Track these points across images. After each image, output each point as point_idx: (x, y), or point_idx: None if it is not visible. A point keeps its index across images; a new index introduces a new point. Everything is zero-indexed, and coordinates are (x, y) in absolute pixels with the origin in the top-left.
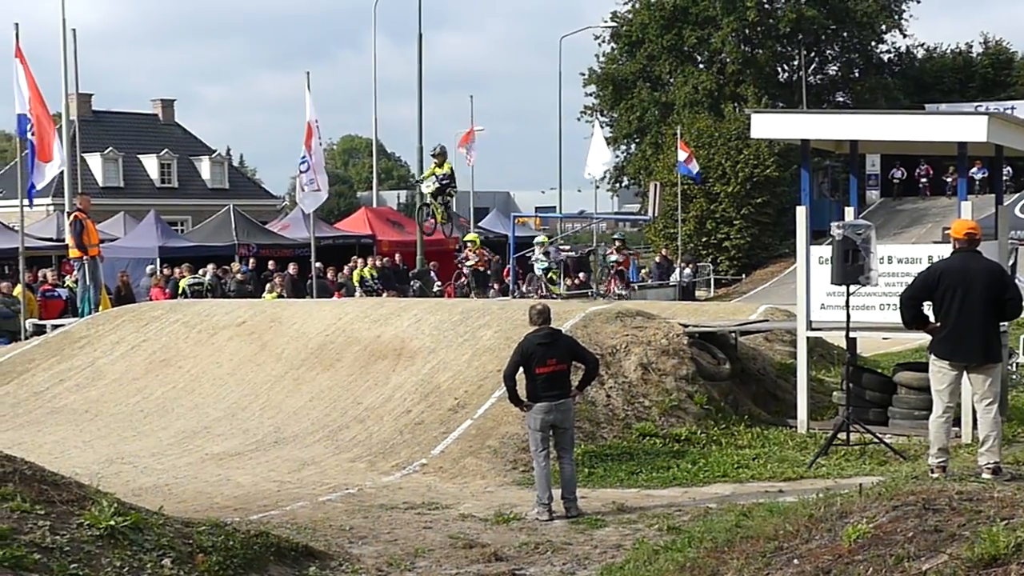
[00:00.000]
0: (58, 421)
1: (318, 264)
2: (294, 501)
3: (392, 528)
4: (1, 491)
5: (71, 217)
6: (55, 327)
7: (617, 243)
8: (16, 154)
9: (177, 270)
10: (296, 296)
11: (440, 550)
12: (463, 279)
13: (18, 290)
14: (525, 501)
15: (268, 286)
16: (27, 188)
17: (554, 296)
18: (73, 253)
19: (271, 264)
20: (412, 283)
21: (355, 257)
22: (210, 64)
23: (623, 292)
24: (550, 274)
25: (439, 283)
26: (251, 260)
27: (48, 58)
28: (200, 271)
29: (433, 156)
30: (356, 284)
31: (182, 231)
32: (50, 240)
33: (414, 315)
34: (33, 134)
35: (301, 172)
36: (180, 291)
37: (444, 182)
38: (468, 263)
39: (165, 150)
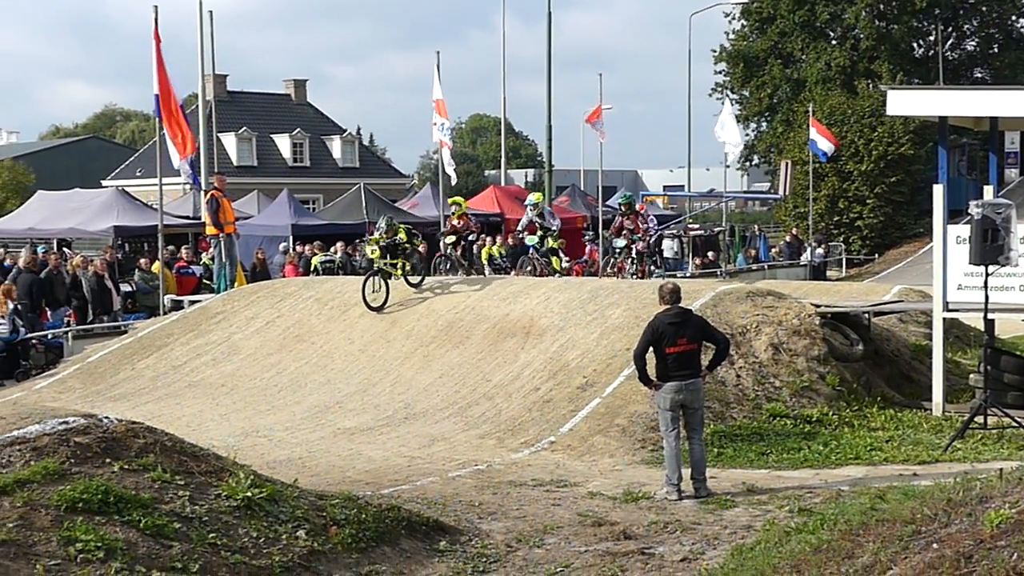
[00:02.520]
0: (195, 394)
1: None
2: (424, 476)
3: (521, 505)
4: (143, 461)
5: (207, 195)
6: (192, 303)
7: (622, 206)
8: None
9: (308, 248)
10: (426, 274)
11: (569, 527)
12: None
13: (157, 266)
14: (654, 480)
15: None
16: (193, 172)
17: (554, 274)
18: (210, 231)
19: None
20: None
21: (484, 235)
22: (341, 44)
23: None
24: (548, 243)
25: (567, 261)
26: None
27: (186, 40)
28: (331, 249)
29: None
30: (484, 262)
31: (314, 209)
32: (187, 218)
33: (543, 293)
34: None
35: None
36: (312, 268)
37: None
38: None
39: (297, 129)
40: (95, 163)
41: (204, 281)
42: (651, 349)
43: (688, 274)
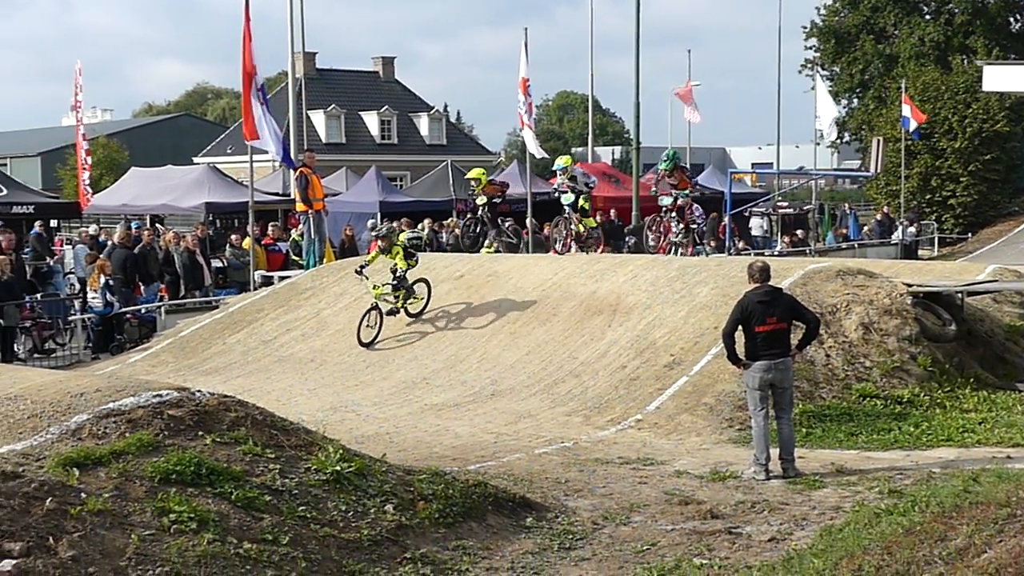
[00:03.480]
0: (285, 369)
1: (533, 219)
2: (511, 453)
3: (607, 482)
4: (234, 435)
5: (297, 172)
6: (282, 279)
7: (664, 168)
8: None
9: (396, 224)
10: (512, 251)
11: (655, 505)
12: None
13: (247, 242)
14: (741, 459)
15: (485, 241)
16: (278, 150)
17: (585, 238)
18: (299, 207)
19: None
20: (627, 239)
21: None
22: (429, 21)
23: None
24: (581, 203)
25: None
26: (468, 215)
27: (276, 18)
28: (418, 225)
29: (380, 238)
30: (571, 240)
31: (401, 186)
32: (276, 195)
33: (630, 271)
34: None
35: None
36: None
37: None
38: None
39: (385, 107)
40: (187, 140)
41: (293, 257)
42: (740, 328)
43: (777, 252)
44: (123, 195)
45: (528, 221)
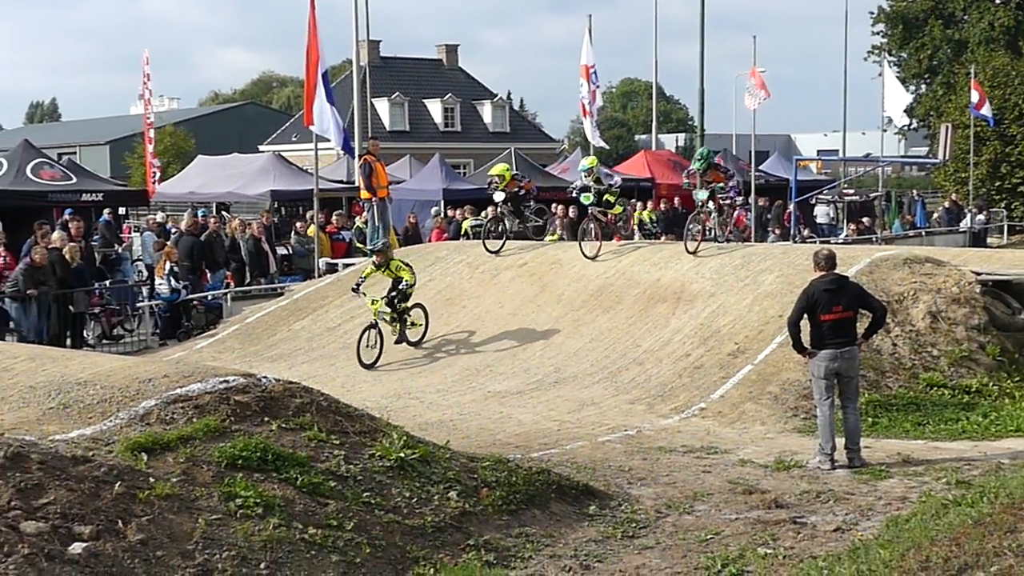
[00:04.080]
0: (349, 356)
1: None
2: (574, 440)
3: (671, 471)
4: (300, 421)
5: (361, 160)
6: (346, 266)
7: (698, 167)
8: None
9: (459, 212)
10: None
11: (719, 494)
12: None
13: (312, 230)
14: (806, 449)
15: (549, 228)
16: (340, 140)
17: (619, 221)
18: (363, 195)
19: (556, 208)
20: (690, 227)
21: (634, 200)
22: (492, 8)
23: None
24: (606, 197)
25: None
26: (531, 203)
27: (341, 6)
28: (482, 213)
29: (375, 253)
30: (635, 227)
31: (464, 174)
32: (340, 182)
33: (694, 259)
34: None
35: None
36: (463, 232)
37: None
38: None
39: (449, 94)
40: (252, 128)
41: (356, 244)
42: (805, 316)
43: (843, 240)
44: (190, 183)
45: (591, 210)
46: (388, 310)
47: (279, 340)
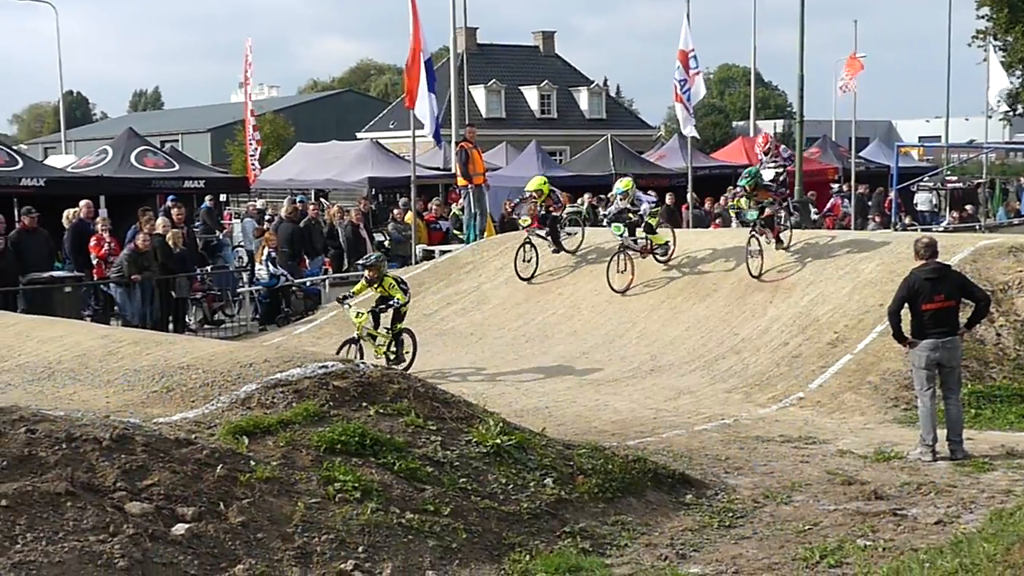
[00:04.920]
0: (445, 342)
1: (694, 194)
2: (670, 429)
3: (768, 460)
4: (397, 406)
5: (457, 147)
6: (443, 253)
7: (745, 184)
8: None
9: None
10: (673, 225)
11: (817, 485)
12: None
13: (409, 217)
14: (906, 440)
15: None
16: (433, 129)
17: (658, 248)
18: (460, 182)
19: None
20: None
21: (731, 187)
22: None
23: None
24: (647, 221)
25: (817, 213)
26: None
27: None
28: (578, 200)
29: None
30: (733, 214)
31: (561, 161)
32: (437, 169)
33: (793, 247)
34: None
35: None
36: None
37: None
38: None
39: (545, 81)
40: (350, 116)
41: (453, 231)
42: (906, 305)
43: (944, 228)
44: (289, 170)
45: (689, 196)
46: (371, 327)
47: None
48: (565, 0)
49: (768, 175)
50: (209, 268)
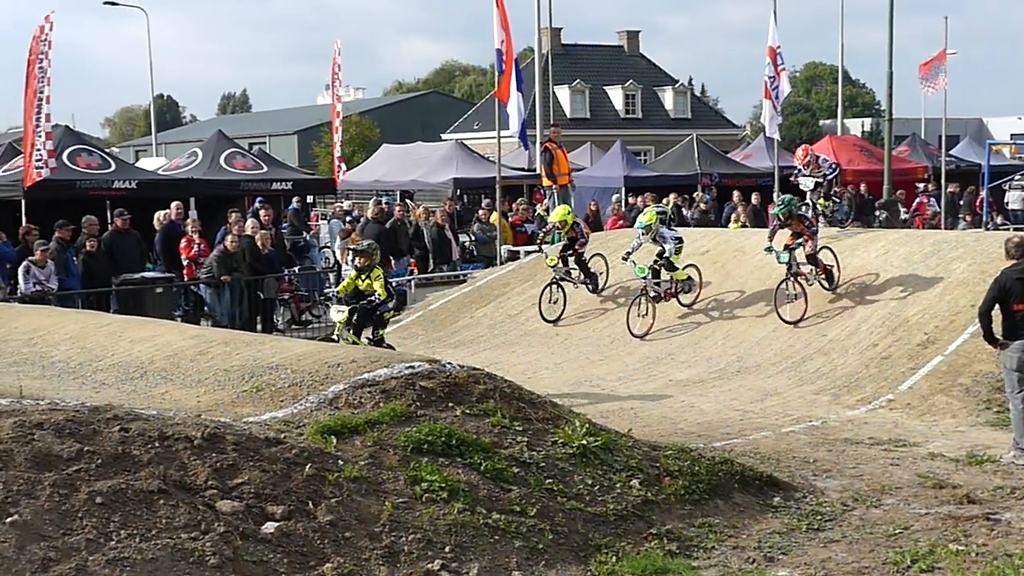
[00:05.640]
0: (530, 343)
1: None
2: (757, 431)
3: (857, 463)
4: (483, 407)
5: (542, 147)
6: (528, 253)
7: (780, 216)
8: (491, 88)
9: (640, 199)
10: (759, 226)
11: (908, 488)
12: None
13: (494, 217)
14: (999, 443)
15: (732, 216)
16: (519, 129)
17: (680, 284)
18: (544, 182)
19: (735, 194)
20: (878, 213)
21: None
22: None
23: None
24: (670, 258)
25: (906, 212)
26: (713, 189)
27: None
28: (663, 200)
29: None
30: (820, 215)
31: (645, 161)
32: (522, 170)
33: (882, 246)
34: (502, 72)
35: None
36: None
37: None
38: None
39: (630, 81)
40: (435, 117)
41: (538, 232)
42: (997, 306)
43: None
44: (375, 171)
45: (775, 196)
46: (350, 334)
47: (461, 327)
48: None
49: (807, 183)
50: (296, 269)
